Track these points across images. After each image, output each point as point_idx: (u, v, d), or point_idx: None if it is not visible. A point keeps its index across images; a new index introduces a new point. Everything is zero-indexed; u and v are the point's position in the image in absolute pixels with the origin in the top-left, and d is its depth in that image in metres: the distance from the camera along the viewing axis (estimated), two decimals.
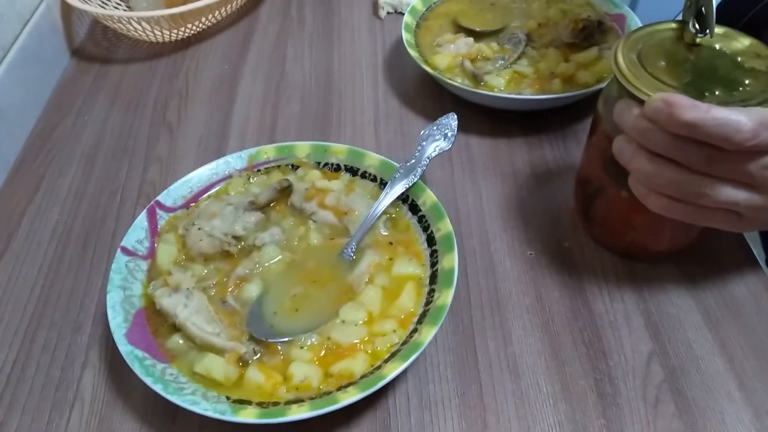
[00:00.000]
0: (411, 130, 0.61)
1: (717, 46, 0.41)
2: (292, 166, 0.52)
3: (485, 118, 0.61)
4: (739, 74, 0.39)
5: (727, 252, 0.48)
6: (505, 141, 0.59)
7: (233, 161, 0.51)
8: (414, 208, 0.48)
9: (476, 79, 0.59)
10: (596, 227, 0.49)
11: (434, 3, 0.69)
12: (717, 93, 0.37)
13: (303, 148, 0.52)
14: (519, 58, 0.61)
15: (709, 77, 0.39)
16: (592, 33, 0.62)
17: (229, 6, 0.75)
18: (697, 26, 0.41)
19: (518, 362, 0.42)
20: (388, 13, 0.76)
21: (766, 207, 0.37)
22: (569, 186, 0.52)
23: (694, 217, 0.39)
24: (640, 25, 0.63)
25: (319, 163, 0.52)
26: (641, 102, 0.37)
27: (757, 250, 0.51)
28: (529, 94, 0.58)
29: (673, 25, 0.43)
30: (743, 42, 0.41)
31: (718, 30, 0.42)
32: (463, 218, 0.52)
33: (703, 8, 0.41)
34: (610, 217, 0.47)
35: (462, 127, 0.60)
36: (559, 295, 0.46)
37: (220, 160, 0.51)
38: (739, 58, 0.40)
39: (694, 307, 0.45)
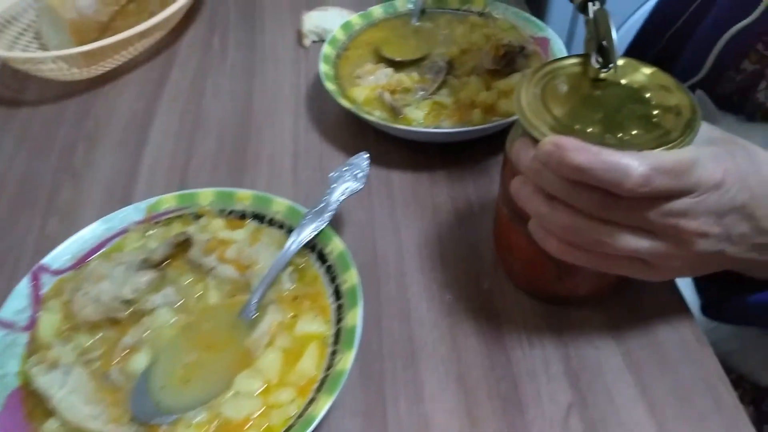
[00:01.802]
0: (331, 166, 0.58)
1: (622, 81, 0.40)
2: (195, 215, 0.49)
3: (407, 150, 0.58)
4: (646, 110, 0.37)
5: (654, 294, 0.45)
6: (427, 175, 0.57)
7: (130, 213, 0.48)
8: (322, 258, 0.45)
9: (395, 112, 0.57)
10: (512, 269, 0.46)
11: (356, 31, 0.67)
12: (621, 134, 0.36)
13: (206, 196, 0.49)
14: (440, 87, 0.59)
15: (614, 116, 0.37)
16: (514, 59, 0.60)
17: (146, 40, 0.72)
18: (600, 60, 0.40)
19: (429, 423, 0.39)
20: (313, 41, 0.73)
21: (673, 255, 0.36)
22: (491, 222, 0.50)
23: (599, 265, 0.37)
24: (563, 48, 0.62)
25: (223, 211, 0.49)
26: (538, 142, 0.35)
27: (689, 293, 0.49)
28: (448, 126, 0.56)
29: (581, 60, 0.41)
30: (645, 72, 0.40)
31: (619, 61, 0.40)
32: (381, 260, 0.49)
33: (604, 42, 0.39)
34: (522, 259, 0.44)
35: (383, 162, 0.58)
36: (476, 342, 0.44)
37: (116, 213, 0.48)
38: (646, 94, 0.38)
39: (615, 350, 0.43)
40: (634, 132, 0.36)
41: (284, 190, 0.56)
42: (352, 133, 0.61)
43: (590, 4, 0.40)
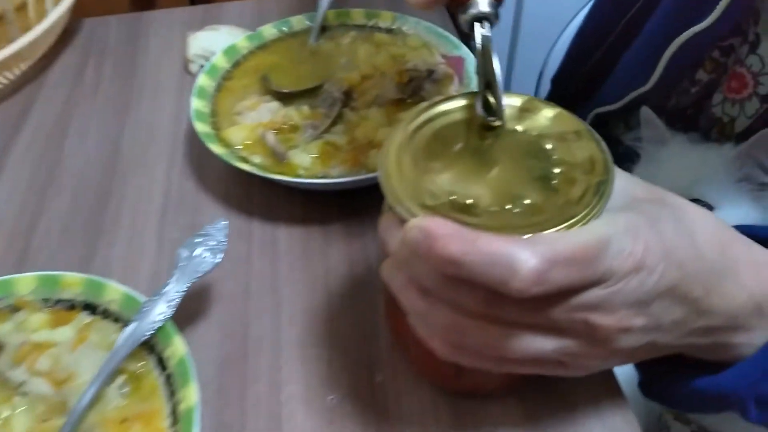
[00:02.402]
0: (207, 222, 0.48)
1: (519, 128, 0.31)
2: (13, 307, 0.39)
3: (298, 199, 0.49)
4: (546, 169, 0.29)
5: (581, 379, 0.37)
6: (319, 229, 0.47)
7: None
8: (163, 363, 0.35)
9: (277, 156, 0.48)
10: (408, 354, 0.38)
11: (242, 56, 0.58)
12: (510, 206, 0.27)
13: (26, 282, 0.39)
14: (334, 123, 0.50)
15: (505, 179, 0.29)
16: (420, 85, 0.51)
17: (4, 74, 0.61)
18: (489, 102, 0.31)
19: None
20: (200, 66, 0.63)
21: (588, 354, 0.28)
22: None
23: (496, 367, 0.29)
24: None
25: (48, 301, 0.39)
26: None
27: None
28: (339, 172, 0.47)
29: (469, 101, 0.32)
30: (548, 114, 0.31)
31: (516, 101, 0.32)
32: (253, 350, 0.40)
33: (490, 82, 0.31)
34: (417, 346, 0.35)
35: (269, 215, 0.48)
36: None
37: None
38: (547, 145, 0.30)
39: None
40: (528, 201, 0.28)
41: (144, 259, 0.46)
42: (236, 180, 0.51)
43: (477, 24, 0.32)
